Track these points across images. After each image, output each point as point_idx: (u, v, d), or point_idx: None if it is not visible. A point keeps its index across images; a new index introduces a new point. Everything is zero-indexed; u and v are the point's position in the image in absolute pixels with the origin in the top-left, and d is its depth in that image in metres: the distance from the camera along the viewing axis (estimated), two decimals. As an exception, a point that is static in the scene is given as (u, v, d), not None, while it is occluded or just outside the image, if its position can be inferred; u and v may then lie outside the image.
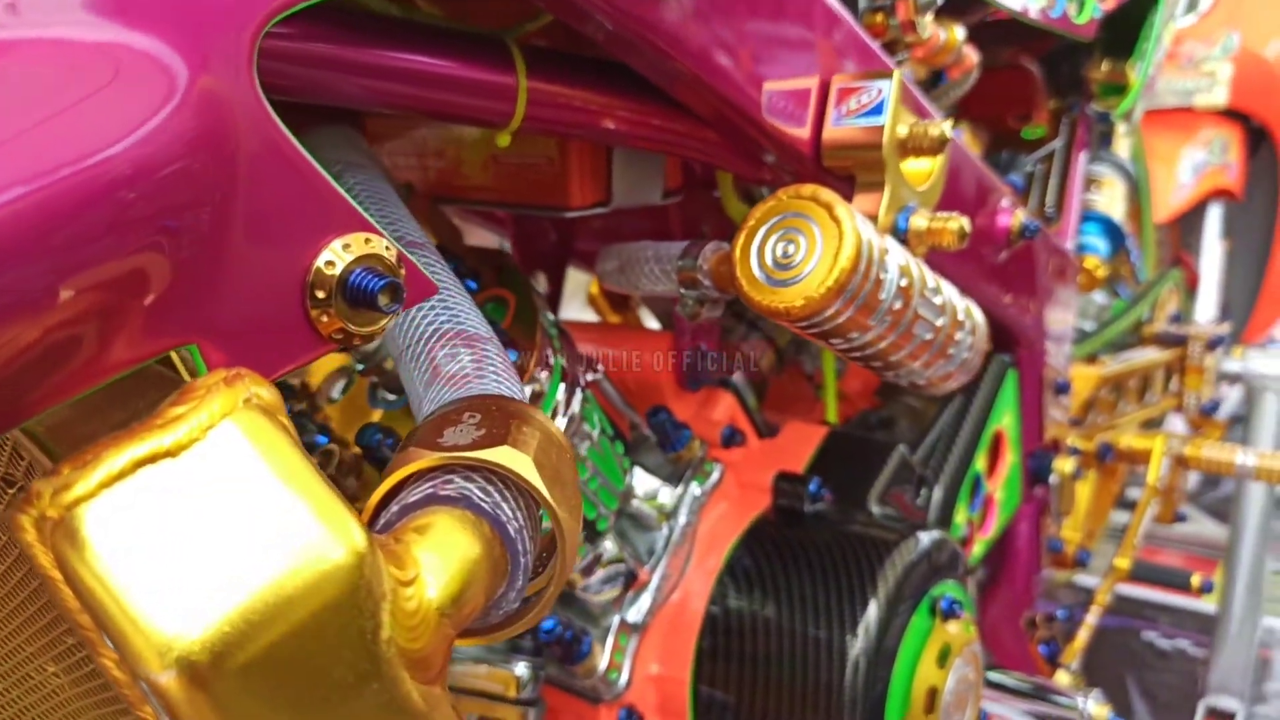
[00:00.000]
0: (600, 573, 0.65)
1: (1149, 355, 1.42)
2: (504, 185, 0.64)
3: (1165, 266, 1.75)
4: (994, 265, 0.84)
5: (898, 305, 0.50)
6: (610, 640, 0.65)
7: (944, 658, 0.66)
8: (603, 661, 0.64)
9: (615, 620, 0.65)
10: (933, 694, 0.65)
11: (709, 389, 0.76)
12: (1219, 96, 2.15)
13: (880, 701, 0.63)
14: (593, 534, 0.63)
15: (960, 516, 0.85)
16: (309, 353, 0.34)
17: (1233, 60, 2.06)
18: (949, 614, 0.66)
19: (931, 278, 0.54)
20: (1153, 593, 2.25)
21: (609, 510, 0.63)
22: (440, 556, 0.30)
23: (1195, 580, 0.99)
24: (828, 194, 0.50)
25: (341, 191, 0.33)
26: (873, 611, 0.62)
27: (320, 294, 0.32)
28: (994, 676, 0.88)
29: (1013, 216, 0.80)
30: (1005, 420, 0.91)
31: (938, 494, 0.82)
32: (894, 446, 0.75)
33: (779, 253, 0.47)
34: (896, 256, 0.50)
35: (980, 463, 0.87)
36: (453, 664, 0.64)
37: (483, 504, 0.33)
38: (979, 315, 0.60)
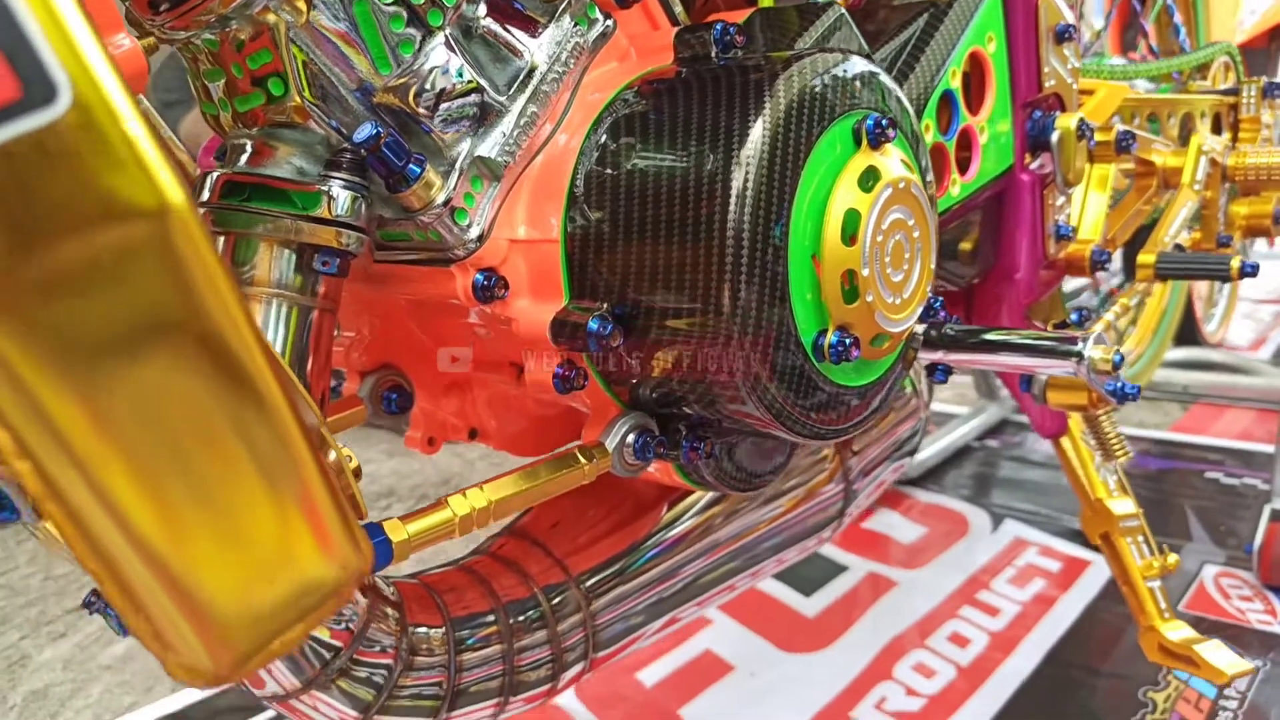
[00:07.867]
0: (446, 104, 0.53)
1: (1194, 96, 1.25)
2: None
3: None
4: None
5: None
6: (456, 174, 0.53)
7: (869, 182, 0.52)
8: (441, 194, 0.52)
9: (464, 149, 0.53)
10: (854, 220, 0.52)
11: (607, -44, 0.63)
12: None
13: (779, 228, 0.50)
14: (418, 25, 0.51)
15: (928, 134, 0.71)
16: None
17: None
18: (876, 136, 0.53)
19: None
20: (1217, 439, 2.06)
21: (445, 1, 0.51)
22: None
23: (1235, 263, 0.84)
24: None
25: None
26: (762, 127, 0.49)
27: None
28: (990, 335, 0.75)
29: None
30: (988, 45, 0.76)
31: (896, 96, 0.69)
32: (831, 4, 0.62)
33: None
34: None
35: (954, 79, 0.73)
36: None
37: None
38: None
